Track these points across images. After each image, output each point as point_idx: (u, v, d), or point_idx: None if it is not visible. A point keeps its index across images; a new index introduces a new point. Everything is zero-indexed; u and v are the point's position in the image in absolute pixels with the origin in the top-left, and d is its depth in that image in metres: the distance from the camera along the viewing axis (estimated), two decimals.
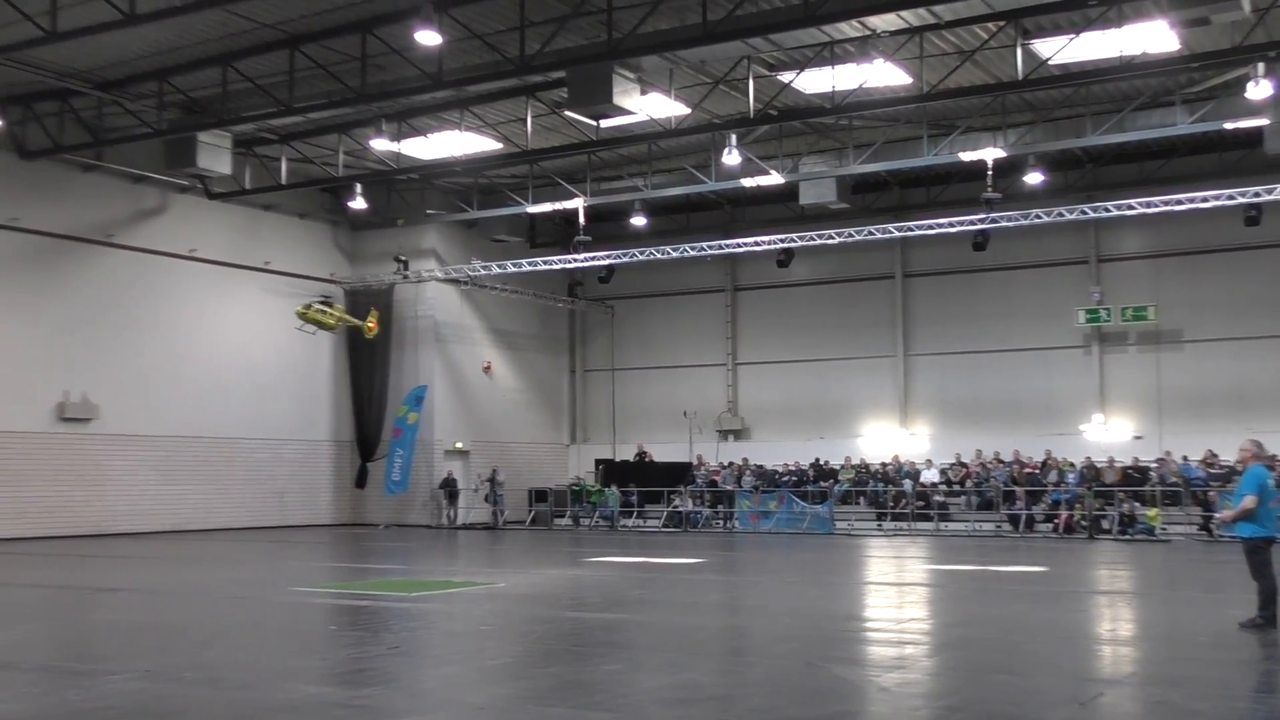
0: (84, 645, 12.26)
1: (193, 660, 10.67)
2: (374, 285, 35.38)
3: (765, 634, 12.77)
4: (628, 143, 27.99)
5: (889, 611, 14.92)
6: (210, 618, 14.07)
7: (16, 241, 28.10)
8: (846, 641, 12.13)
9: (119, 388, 29.86)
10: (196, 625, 13.33)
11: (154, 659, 10.66)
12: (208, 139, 26.96)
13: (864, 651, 11.53)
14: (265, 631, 12.93)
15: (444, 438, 35.53)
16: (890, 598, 16.74)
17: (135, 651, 10.99)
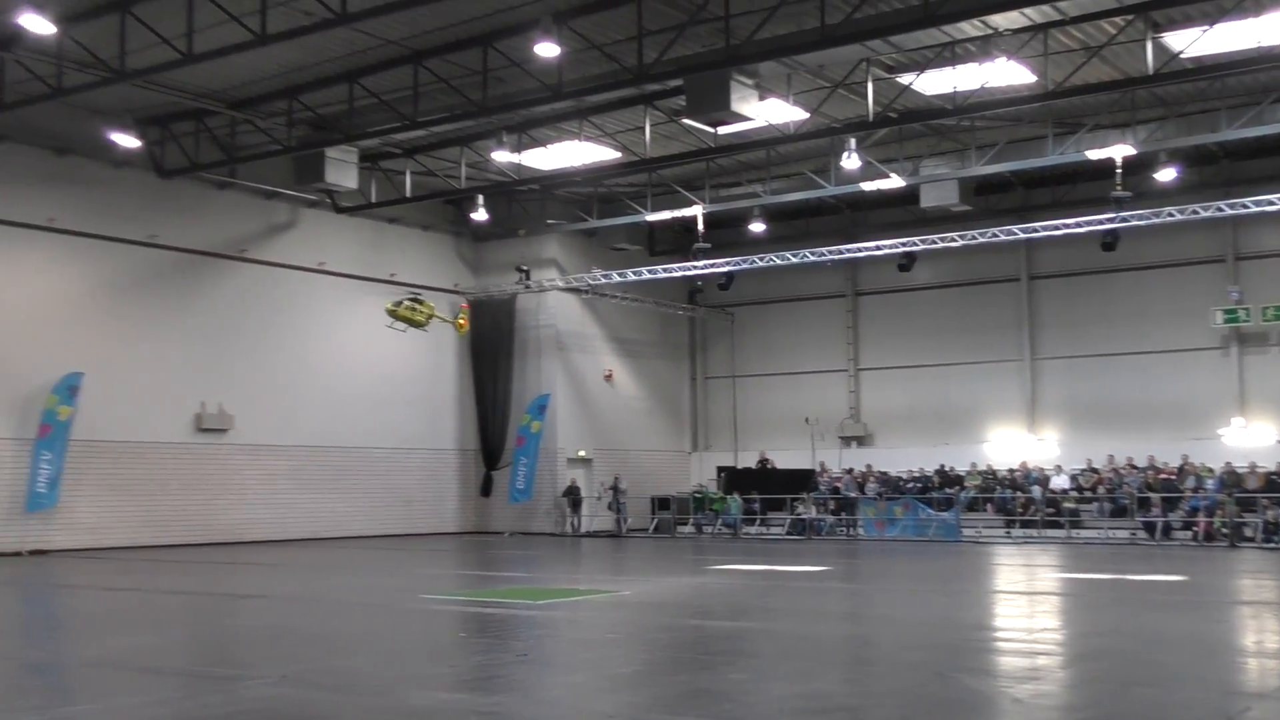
0: (223, 650, 12.59)
1: (328, 666, 10.90)
2: (496, 295, 35.81)
3: (893, 643, 12.58)
4: (746, 149, 27.89)
5: (1020, 621, 14.60)
6: (343, 624, 14.35)
7: (155, 258, 29.07)
8: (976, 651, 11.89)
9: (253, 399, 30.67)
10: (330, 631, 13.61)
11: (290, 664, 10.90)
12: (335, 154, 27.60)
13: (995, 662, 11.29)
14: (397, 638, 13.14)
15: (567, 446, 35.79)
16: (1021, 607, 16.39)
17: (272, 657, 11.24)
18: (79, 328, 27.65)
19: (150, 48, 21.69)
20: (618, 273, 34.00)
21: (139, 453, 28.49)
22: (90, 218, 27.83)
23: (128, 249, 28.52)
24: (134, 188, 28.58)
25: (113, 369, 27.88)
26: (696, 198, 31.51)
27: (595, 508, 35.63)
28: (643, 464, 37.57)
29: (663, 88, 24.74)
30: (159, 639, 13.18)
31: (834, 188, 29.73)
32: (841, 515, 32.85)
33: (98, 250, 27.99)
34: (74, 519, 27.24)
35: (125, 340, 28.43)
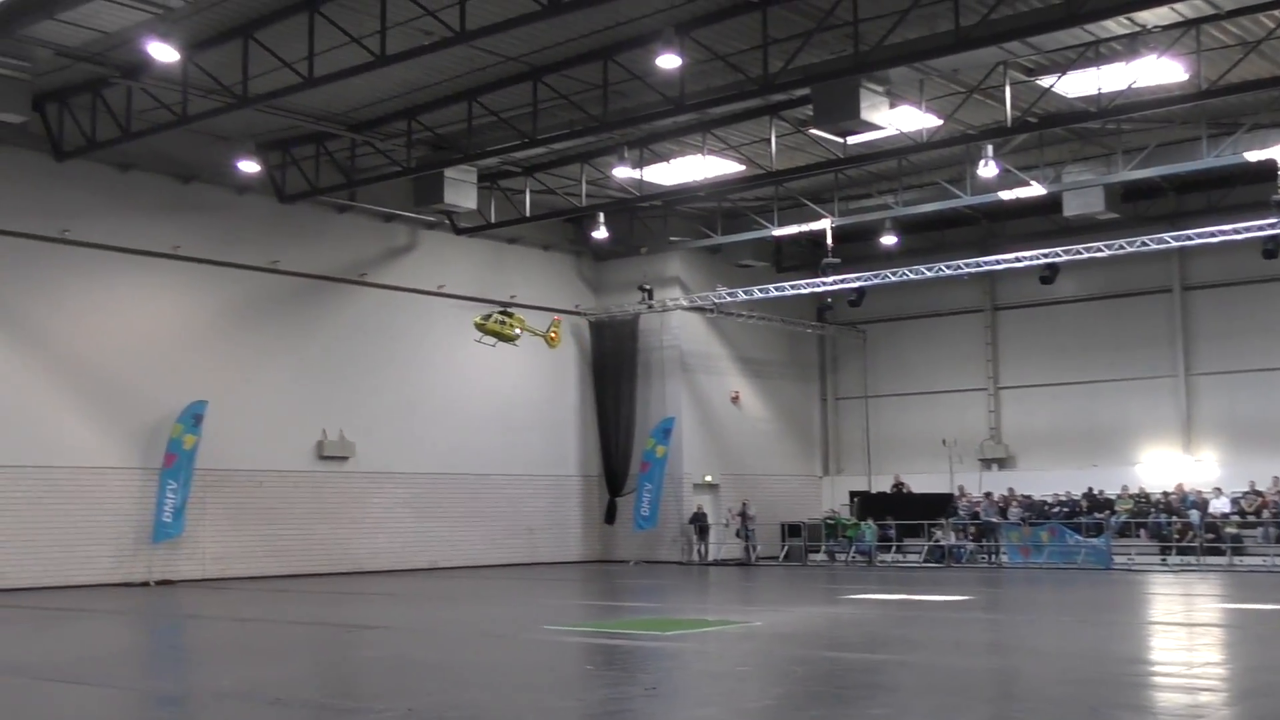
0: (348, 682, 12.84)
1: (453, 699, 11.03)
2: (618, 315, 36.05)
3: (1041, 676, 12.31)
4: (877, 159, 27.70)
5: (1179, 654, 14.19)
6: (467, 656, 14.53)
7: (276, 284, 29.92)
8: (1132, 686, 11.57)
9: (373, 425, 31.29)
10: (454, 663, 13.79)
11: (416, 698, 11.06)
12: (454, 175, 28.13)
13: (1153, 698, 10.98)
14: (522, 670, 13.25)
15: (692, 471, 35.80)
16: (1180, 639, 15.93)
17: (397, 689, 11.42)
18: (202, 355, 28.53)
19: (272, 72, 22.39)
20: (743, 290, 33.97)
21: (262, 481, 29.24)
22: (213, 244, 28.74)
23: (250, 275, 29.38)
24: (256, 213, 29.47)
25: (235, 396, 28.71)
26: (825, 211, 31.36)
27: (723, 535, 35.56)
28: (772, 489, 37.40)
29: (789, 97, 24.70)
30: (285, 670, 13.50)
31: (970, 197, 29.35)
32: (982, 541, 32.36)
33: (220, 277, 28.89)
34: (199, 549, 28.05)
35: (247, 367, 29.27)
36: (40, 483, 25.90)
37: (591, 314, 36.51)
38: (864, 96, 22.03)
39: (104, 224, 27.07)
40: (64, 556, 26.05)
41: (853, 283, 32.29)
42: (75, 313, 26.74)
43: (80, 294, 26.81)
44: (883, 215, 31.48)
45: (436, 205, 29.16)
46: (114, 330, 27.26)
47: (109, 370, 27.07)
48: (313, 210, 30.37)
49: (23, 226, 25.99)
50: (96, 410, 26.85)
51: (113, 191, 27.29)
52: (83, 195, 26.81)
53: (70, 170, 26.36)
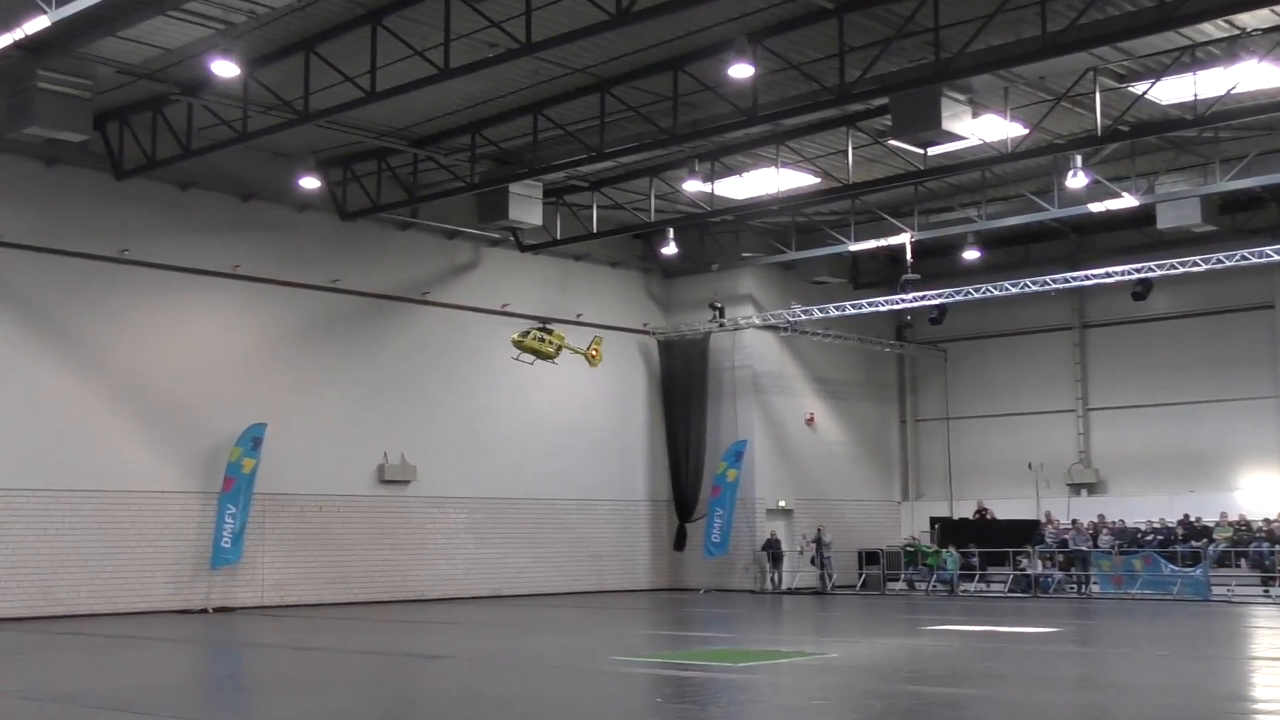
0: (411, 714, 12.92)
1: None
2: (688, 334, 36.09)
3: (1134, 714, 12.12)
4: (959, 170, 27.57)
5: None
6: (533, 687, 14.56)
7: (337, 303, 30.26)
8: None
9: (435, 448, 31.50)
10: (519, 695, 13.83)
11: None
12: (519, 190, 28.34)
13: None
14: (590, 703, 13.25)
15: (765, 496, 35.71)
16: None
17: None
18: (262, 376, 28.92)
19: (333, 86, 22.71)
20: (819, 308, 33.86)
21: (321, 506, 29.54)
22: (273, 263, 29.16)
23: (310, 294, 29.76)
24: (316, 231, 29.87)
25: (295, 419, 29.06)
26: (904, 225, 31.21)
27: (797, 563, 35.46)
28: (848, 515, 37.22)
29: (866, 107, 24.66)
30: (346, 701, 13.59)
31: (1058, 210, 29.07)
32: (1071, 571, 32.02)
33: (280, 296, 29.29)
34: (258, 575, 28.39)
35: (307, 388, 29.63)
36: (97, 507, 26.33)
37: (661, 333, 36.61)
38: (945, 105, 21.96)
39: (163, 243, 27.55)
40: (122, 583, 26.47)
41: (933, 300, 32.13)
42: (134, 334, 27.22)
43: (139, 315, 27.28)
44: (965, 229, 31.30)
45: (501, 222, 29.42)
46: (173, 351, 27.71)
47: (167, 392, 27.51)
48: (374, 228, 30.73)
49: (82, 246, 26.50)
50: (154, 433, 27.28)
51: (172, 210, 27.76)
52: (142, 214, 27.31)
53: (130, 189, 26.85)
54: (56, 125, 22.78)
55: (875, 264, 37.28)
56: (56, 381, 26.12)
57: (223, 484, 27.58)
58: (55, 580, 25.67)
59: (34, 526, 25.53)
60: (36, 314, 26.03)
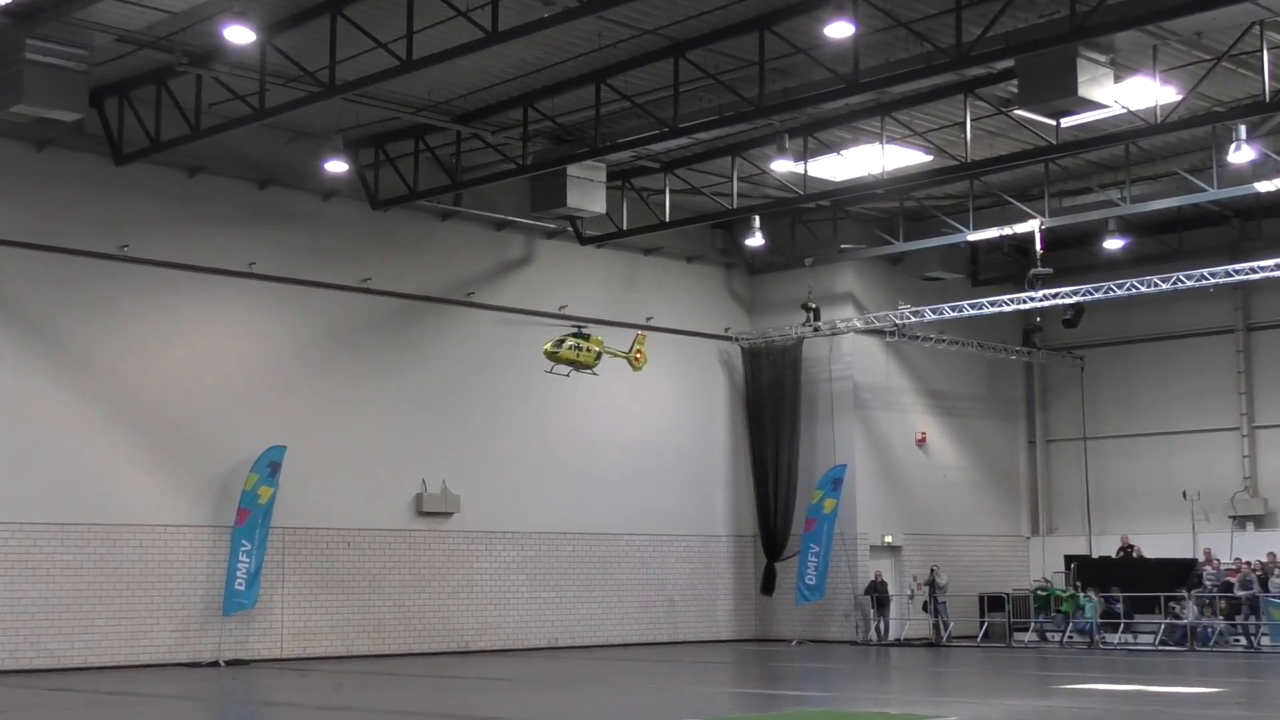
0: None
1: None
2: (778, 341, 36.05)
3: None
4: (1098, 144, 27.30)
5: None
6: None
7: (368, 306, 30.43)
8: None
9: (482, 475, 31.64)
10: None
11: None
12: (579, 172, 28.36)
13: None
14: None
15: (869, 530, 35.58)
16: None
17: None
18: (281, 391, 29.14)
19: (363, 54, 22.87)
20: (931, 309, 33.70)
21: (350, 542, 29.74)
22: (294, 260, 29.40)
23: (337, 296, 29.97)
24: (344, 222, 30.14)
25: (319, 441, 29.26)
26: (1033, 210, 30.99)
27: (906, 609, 35.38)
28: (967, 552, 37.05)
29: (988, 71, 24.48)
30: None
31: (1216, 191, 28.78)
32: (1236, 619, 31.73)
33: (302, 298, 29.51)
34: (276, 622, 28.60)
35: (333, 405, 29.82)
36: (92, 544, 26.58)
37: (745, 338, 36.57)
38: (1082, 68, 21.75)
39: (168, 237, 27.84)
40: (120, 631, 26.73)
41: (1068, 298, 31.89)
42: (134, 341, 27.50)
43: (141, 319, 27.58)
44: (1106, 214, 31.05)
45: (558, 210, 29.48)
46: (178, 362, 27.96)
47: (172, 409, 27.75)
48: (411, 218, 30.91)
49: (76, 242, 26.82)
50: (158, 457, 27.53)
51: (179, 199, 28.07)
52: (145, 204, 27.63)
53: (131, 175, 27.17)
54: (47, 102, 22.99)
55: (998, 257, 37.10)
56: (45, 397, 26.40)
57: (236, 516, 27.75)
58: (44, 628, 25.93)
59: (19, 566, 25.79)
60: (23, 319, 26.35)
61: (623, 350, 32.00)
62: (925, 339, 35.51)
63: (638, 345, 32.38)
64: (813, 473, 35.67)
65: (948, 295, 35.12)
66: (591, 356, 30.82)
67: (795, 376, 35.99)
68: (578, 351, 30.65)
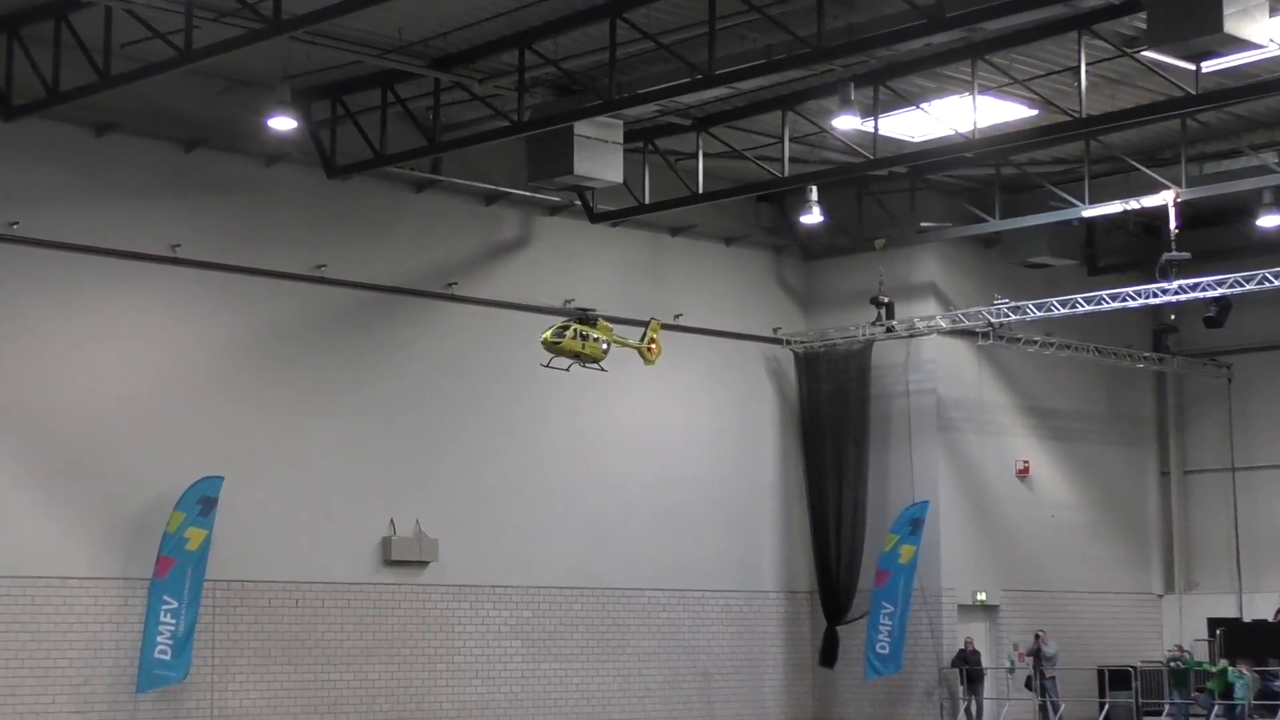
0: None
1: None
2: (841, 344, 36.00)
3: None
4: (1248, 95, 27.22)
5: None
6: None
7: (323, 300, 30.28)
8: None
9: (467, 514, 31.48)
10: None
11: None
12: (589, 131, 28.13)
13: None
14: None
15: (957, 585, 35.58)
16: None
17: None
18: (214, 408, 28.88)
19: None
20: (1035, 304, 33.62)
21: (300, 598, 29.54)
22: (230, 242, 29.13)
23: (283, 287, 29.78)
24: (293, 194, 29.95)
25: (262, 470, 29.05)
26: (1166, 179, 30.92)
27: (1005, 685, 35.28)
28: (1083, 614, 37.08)
29: (1108, 3, 24.39)
30: None
31: None
32: None
33: (240, 290, 29.27)
34: (205, 701, 28.30)
35: (280, 425, 29.63)
36: None
37: (799, 341, 36.54)
38: None
39: (70, 213, 27.64)
40: (5, 713, 26.42)
41: (1210, 290, 31.79)
42: (25, 343, 27.29)
43: (34, 316, 27.40)
44: (1259, 183, 30.99)
45: (562, 179, 29.31)
46: (81, 369, 27.76)
47: (73, 430, 27.56)
48: (377, 189, 30.78)
49: None
50: (54, 491, 27.29)
51: (84, 164, 27.90)
52: (40, 170, 27.44)
53: (22, 134, 27.00)
54: None
55: (1121, 238, 36.97)
56: None
57: (156, 566, 27.53)
58: None
59: None
60: None
61: (634, 340, 31.51)
62: (1028, 342, 35.38)
63: (651, 334, 31.97)
64: (885, 512, 35.64)
65: (1057, 287, 34.97)
66: (599, 347, 30.63)
67: (863, 390, 35.98)
68: (583, 341, 30.34)
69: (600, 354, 30.65)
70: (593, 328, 30.54)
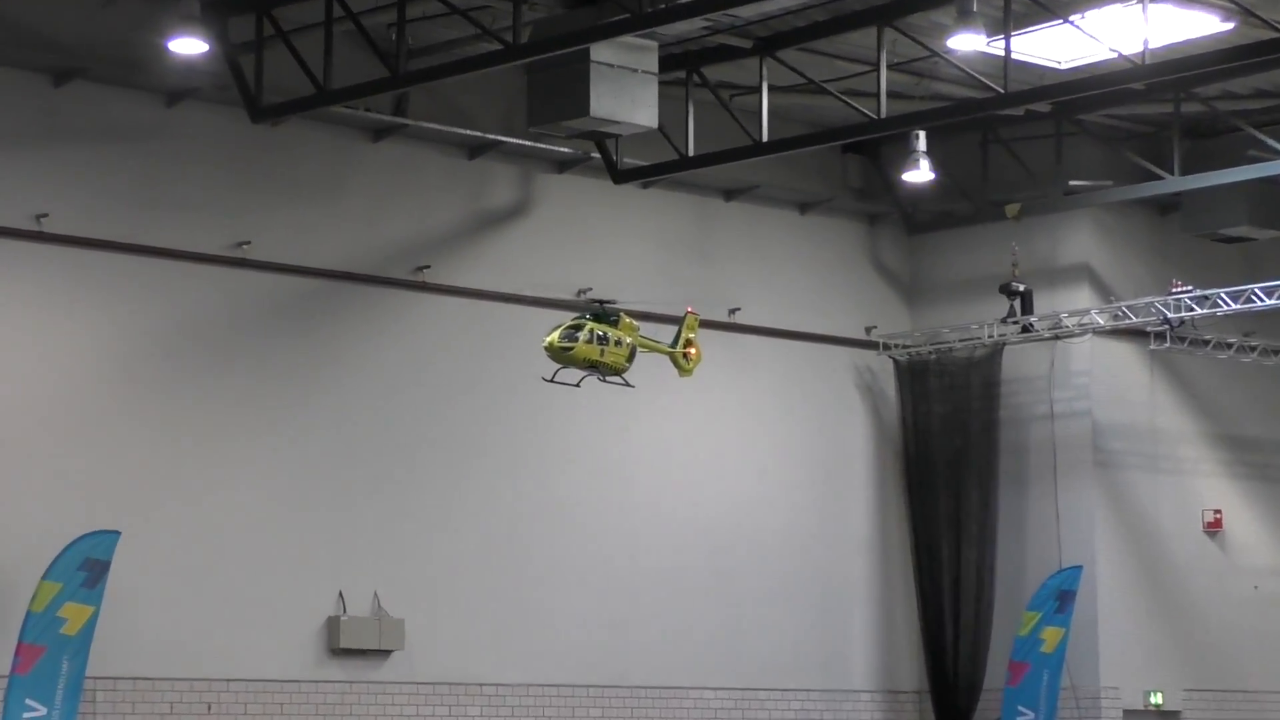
0: None
1: None
2: (958, 349, 36.01)
3: None
4: None
5: None
6: None
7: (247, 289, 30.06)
8: None
9: (440, 586, 31.42)
10: None
11: None
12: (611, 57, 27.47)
13: None
14: None
15: (1121, 683, 35.51)
16: None
17: None
18: (101, 438, 28.77)
19: None
20: (1227, 293, 33.47)
21: (215, 701, 29.43)
22: (117, 211, 29.01)
23: (191, 272, 29.64)
24: (203, 145, 29.82)
25: (166, 525, 28.90)
26: None
27: None
28: None
29: None
30: None
31: None
32: None
33: (133, 276, 29.16)
34: None
35: (190, 462, 29.49)
36: None
37: (901, 345, 36.68)
38: None
39: None
40: None
41: None
42: None
43: None
44: None
45: (574, 123, 28.98)
46: None
47: None
48: (320, 137, 30.74)
49: None
50: None
51: None
52: None
53: None
54: None
55: None
56: None
57: (16, 659, 27.16)
58: None
59: None
60: None
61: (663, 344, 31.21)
62: (1219, 345, 35.30)
63: (687, 333, 31.54)
64: (1021, 581, 35.72)
65: (1260, 270, 34.92)
66: (622, 354, 30.11)
67: (990, 412, 36.10)
68: (601, 347, 29.85)
69: (624, 363, 30.17)
70: (613, 327, 30.17)
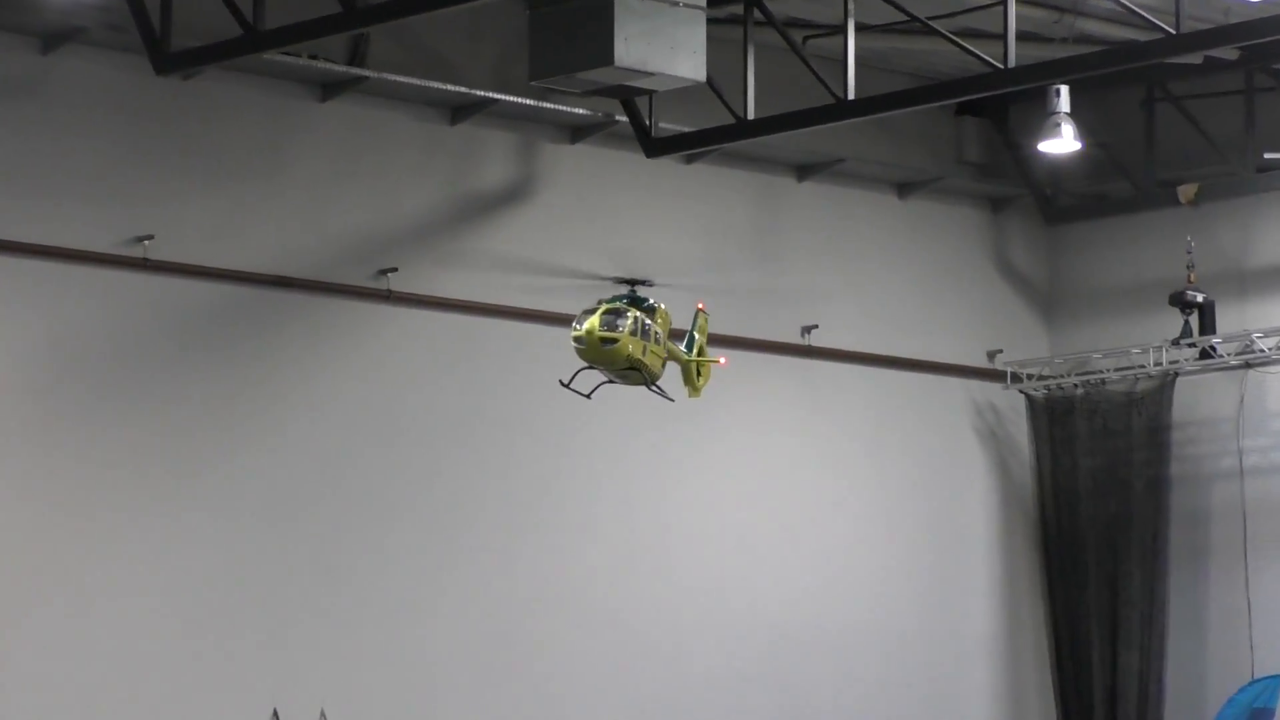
0: None
1: None
2: (1114, 380, 36.42)
3: None
4: None
5: None
6: None
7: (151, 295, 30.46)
8: None
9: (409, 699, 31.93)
10: None
11: None
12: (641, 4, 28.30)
13: None
14: None
15: None
16: None
17: None
18: None
19: None
20: None
21: None
22: None
23: (82, 277, 30.19)
24: (94, 105, 30.36)
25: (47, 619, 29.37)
26: None
27: None
28: None
29: None
30: None
31: None
32: None
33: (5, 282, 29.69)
34: None
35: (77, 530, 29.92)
36: None
37: (1036, 373, 37.26)
38: None
39: None
40: None
41: None
42: None
43: None
44: None
45: (592, 74, 29.32)
46: None
47: None
48: (249, 94, 31.28)
49: None
50: None
51: None
52: None
53: None
54: None
55: None
56: None
57: None
58: None
59: None
60: None
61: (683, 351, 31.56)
62: None
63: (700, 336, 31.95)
64: (1201, 695, 36.26)
65: None
66: (662, 355, 30.46)
67: (1157, 465, 36.61)
68: (644, 343, 30.07)
69: (660, 368, 30.66)
70: (651, 316, 30.39)
